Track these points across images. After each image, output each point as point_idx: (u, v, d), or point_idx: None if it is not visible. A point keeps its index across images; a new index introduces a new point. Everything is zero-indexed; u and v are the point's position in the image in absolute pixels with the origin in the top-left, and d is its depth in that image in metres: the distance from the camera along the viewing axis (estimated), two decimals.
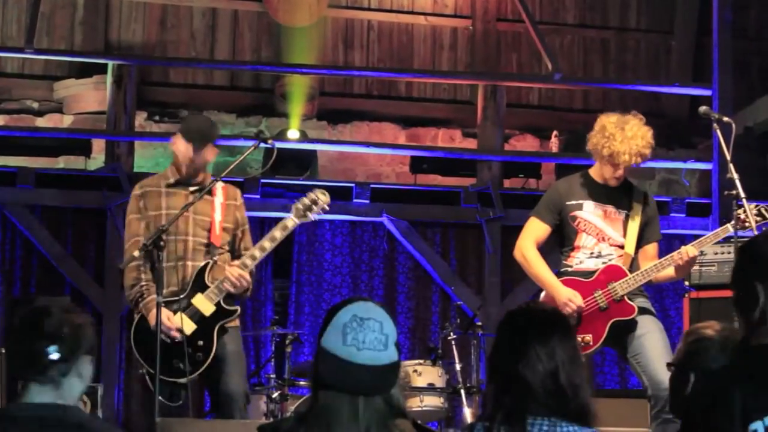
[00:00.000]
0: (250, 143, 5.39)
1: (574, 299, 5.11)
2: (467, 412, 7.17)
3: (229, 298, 5.16)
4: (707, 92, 9.17)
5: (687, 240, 5.50)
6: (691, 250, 5.11)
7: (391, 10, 11.11)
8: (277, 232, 5.19)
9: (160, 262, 4.87)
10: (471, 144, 10.66)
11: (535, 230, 5.32)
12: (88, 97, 10.30)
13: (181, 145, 5.23)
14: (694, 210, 9.35)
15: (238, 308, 5.21)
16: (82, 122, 10.31)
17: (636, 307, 5.14)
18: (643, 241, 5.28)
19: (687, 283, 6.45)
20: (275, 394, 7.22)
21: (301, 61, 10.08)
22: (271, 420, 6.68)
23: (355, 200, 9.06)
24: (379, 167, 10.81)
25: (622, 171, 5.20)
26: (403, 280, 9.20)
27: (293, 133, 9.89)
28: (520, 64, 11.22)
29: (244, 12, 10.89)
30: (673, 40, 11.42)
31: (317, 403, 2.68)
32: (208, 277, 5.14)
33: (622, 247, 5.22)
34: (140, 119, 10.16)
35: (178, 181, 5.27)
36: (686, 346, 3.16)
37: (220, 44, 10.82)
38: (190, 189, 5.24)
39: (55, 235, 8.66)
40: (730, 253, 6.13)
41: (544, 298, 5.28)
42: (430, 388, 7.21)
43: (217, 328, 5.12)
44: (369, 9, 11.09)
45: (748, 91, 10.39)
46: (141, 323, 5.11)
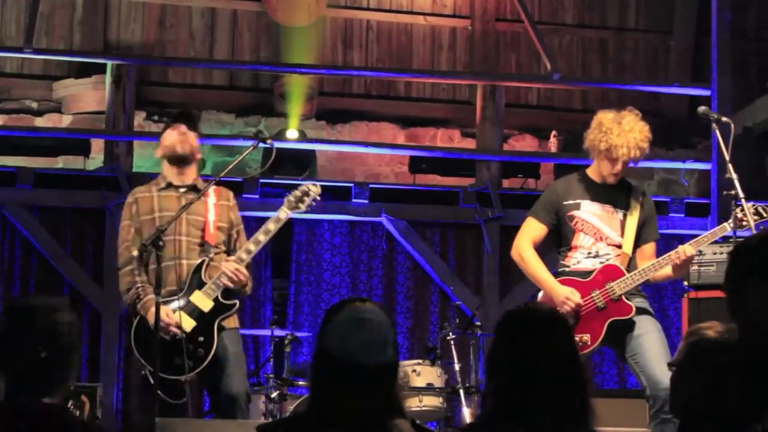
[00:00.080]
0: (249, 143, 5.39)
1: (571, 297, 5.11)
2: (466, 412, 7.17)
3: (227, 293, 5.16)
4: (706, 92, 9.17)
5: (686, 240, 5.49)
6: (688, 249, 5.11)
7: (390, 10, 11.09)
8: (271, 225, 5.22)
9: (159, 262, 4.88)
10: (470, 144, 10.66)
11: (532, 230, 5.32)
12: (87, 97, 10.29)
13: (164, 139, 5.32)
14: (693, 210, 9.35)
15: (237, 302, 5.21)
16: (81, 122, 10.31)
17: (634, 307, 5.14)
18: (640, 241, 5.28)
19: (686, 283, 6.44)
20: (274, 394, 7.23)
21: (300, 61, 10.07)
22: (270, 420, 6.68)
23: (353, 200, 9.06)
24: (378, 167, 10.81)
25: (620, 166, 5.19)
26: (401, 280, 9.20)
27: (292, 133, 9.88)
28: (518, 64, 11.21)
29: (243, 12, 10.88)
30: (672, 40, 11.41)
31: (316, 403, 2.68)
32: (205, 275, 5.15)
33: (619, 247, 5.22)
34: (139, 119, 10.15)
35: (169, 184, 5.30)
36: (687, 346, 3.16)
37: (219, 44, 10.82)
38: (181, 190, 5.27)
39: (54, 235, 8.66)
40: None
41: (542, 298, 5.28)
42: (429, 388, 7.21)
43: (216, 324, 5.12)
44: (368, 9, 11.07)
45: (747, 91, 10.37)
46: (140, 324, 5.11)
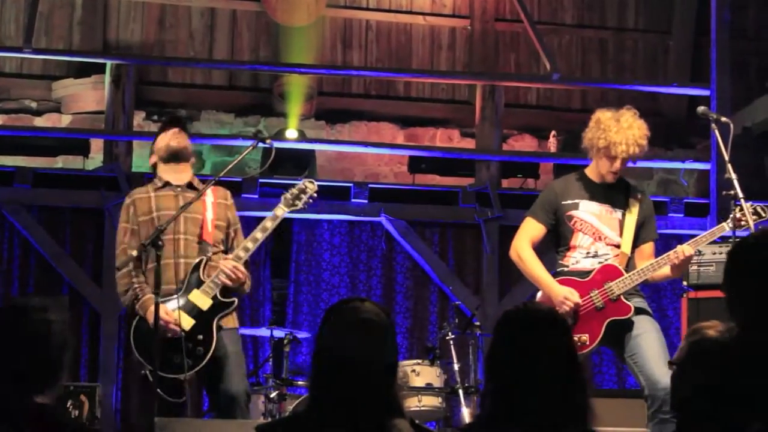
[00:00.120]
0: (249, 143, 5.39)
1: (570, 296, 5.11)
2: (465, 412, 7.17)
3: (226, 291, 5.16)
4: (705, 92, 9.17)
5: (685, 240, 5.48)
6: (686, 249, 5.11)
7: (390, 10, 11.09)
8: (268, 222, 5.22)
9: (158, 261, 4.88)
10: (469, 144, 10.66)
11: (531, 230, 5.32)
12: (87, 97, 10.29)
13: (157, 143, 5.33)
14: (693, 210, 9.35)
15: (235, 300, 5.20)
16: (80, 122, 10.31)
17: (632, 307, 5.14)
18: (639, 241, 5.28)
19: (685, 283, 6.44)
20: (273, 394, 7.22)
21: (299, 61, 10.08)
22: (269, 420, 6.68)
23: (353, 200, 9.06)
24: (378, 167, 10.81)
25: (619, 164, 5.18)
26: (401, 279, 9.20)
27: (291, 133, 9.89)
28: (518, 64, 11.21)
29: (243, 12, 10.88)
30: (671, 40, 11.41)
31: (315, 403, 2.68)
32: (203, 274, 5.14)
33: (618, 247, 5.22)
34: (138, 119, 10.15)
35: (166, 183, 5.31)
36: (688, 345, 3.17)
37: (219, 44, 10.82)
38: (178, 189, 5.27)
39: (53, 235, 8.66)
40: None
41: (540, 298, 5.28)
42: (428, 388, 7.21)
43: (215, 322, 5.12)
44: (367, 9, 11.07)
45: (746, 92, 10.37)
46: (139, 324, 5.11)
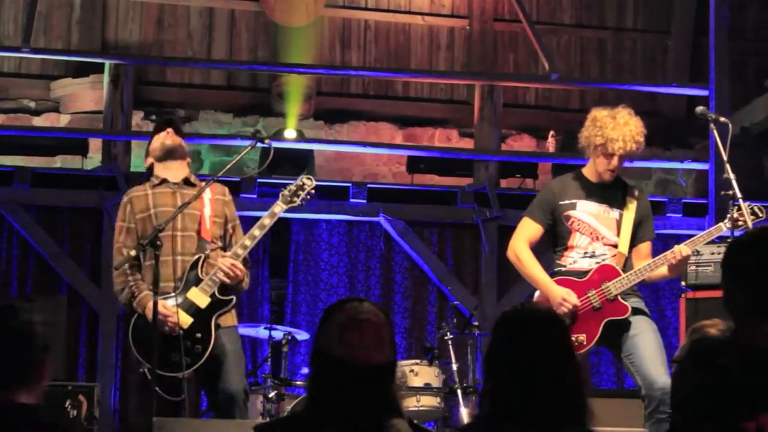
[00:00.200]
0: (247, 143, 5.39)
1: (568, 298, 5.11)
2: (464, 412, 7.16)
3: (224, 289, 5.15)
4: (704, 92, 9.17)
5: (683, 240, 5.48)
6: (684, 249, 5.11)
7: (388, 10, 11.10)
8: (267, 220, 5.23)
9: (156, 260, 4.88)
10: (468, 144, 10.66)
11: (528, 230, 5.32)
12: (85, 97, 10.29)
13: (152, 143, 5.34)
14: (691, 210, 9.35)
15: (234, 298, 5.20)
16: (78, 122, 10.31)
17: (630, 307, 5.13)
18: (636, 240, 5.28)
19: (683, 283, 6.43)
20: (272, 394, 7.22)
21: (298, 61, 10.08)
22: (268, 420, 6.67)
23: (351, 200, 9.06)
24: (376, 167, 10.81)
25: (616, 161, 5.17)
26: (399, 279, 9.20)
27: (290, 133, 9.89)
28: (517, 64, 11.21)
29: (241, 12, 10.88)
30: (670, 40, 11.42)
31: (313, 403, 2.68)
32: (201, 271, 5.14)
33: (615, 247, 5.21)
34: (137, 119, 10.15)
35: (163, 180, 5.30)
36: (690, 344, 3.17)
37: (217, 44, 10.82)
38: (175, 185, 5.27)
39: (51, 235, 8.66)
40: None
41: (538, 298, 5.28)
42: (427, 388, 7.20)
43: (214, 320, 5.12)
44: (366, 9, 11.08)
45: (744, 92, 10.39)
46: (138, 322, 5.10)
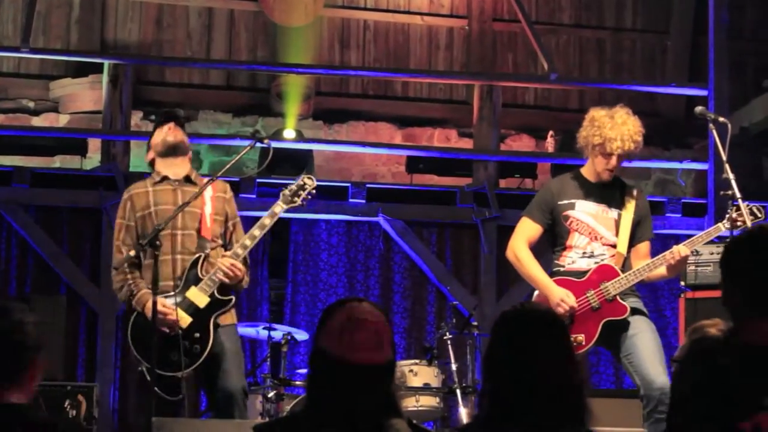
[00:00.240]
0: (247, 143, 5.39)
1: (567, 299, 5.11)
2: (463, 412, 7.16)
3: (223, 289, 5.15)
4: (703, 92, 9.17)
5: (682, 240, 5.48)
6: (683, 249, 5.12)
7: (388, 10, 11.10)
8: (267, 219, 5.22)
9: (155, 259, 4.88)
10: (467, 144, 10.67)
11: (527, 230, 5.32)
12: (84, 97, 10.29)
13: (154, 139, 5.32)
14: (690, 210, 9.35)
15: (233, 298, 5.19)
16: (78, 122, 10.31)
17: (628, 307, 5.14)
18: (635, 240, 5.28)
19: (683, 283, 6.44)
20: (271, 394, 7.21)
21: (297, 61, 10.07)
22: (267, 420, 6.67)
23: (351, 200, 9.05)
24: (375, 167, 10.81)
25: (615, 161, 5.17)
26: (398, 279, 9.20)
27: (289, 133, 9.89)
28: (516, 64, 11.21)
29: (241, 12, 10.88)
30: (669, 40, 11.42)
31: (313, 403, 2.68)
32: (201, 270, 5.13)
33: (614, 247, 5.22)
34: (136, 119, 10.15)
35: (164, 178, 5.29)
36: (690, 344, 3.18)
37: (217, 44, 10.82)
38: (176, 183, 5.26)
39: (50, 235, 8.65)
40: None
41: (537, 298, 5.27)
42: (426, 388, 7.20)
43: (213, 319, 5.11)
44: (365, 9, 11.08)
45: (743, 92, 10.40)
46: (137, 321, 5.10)
